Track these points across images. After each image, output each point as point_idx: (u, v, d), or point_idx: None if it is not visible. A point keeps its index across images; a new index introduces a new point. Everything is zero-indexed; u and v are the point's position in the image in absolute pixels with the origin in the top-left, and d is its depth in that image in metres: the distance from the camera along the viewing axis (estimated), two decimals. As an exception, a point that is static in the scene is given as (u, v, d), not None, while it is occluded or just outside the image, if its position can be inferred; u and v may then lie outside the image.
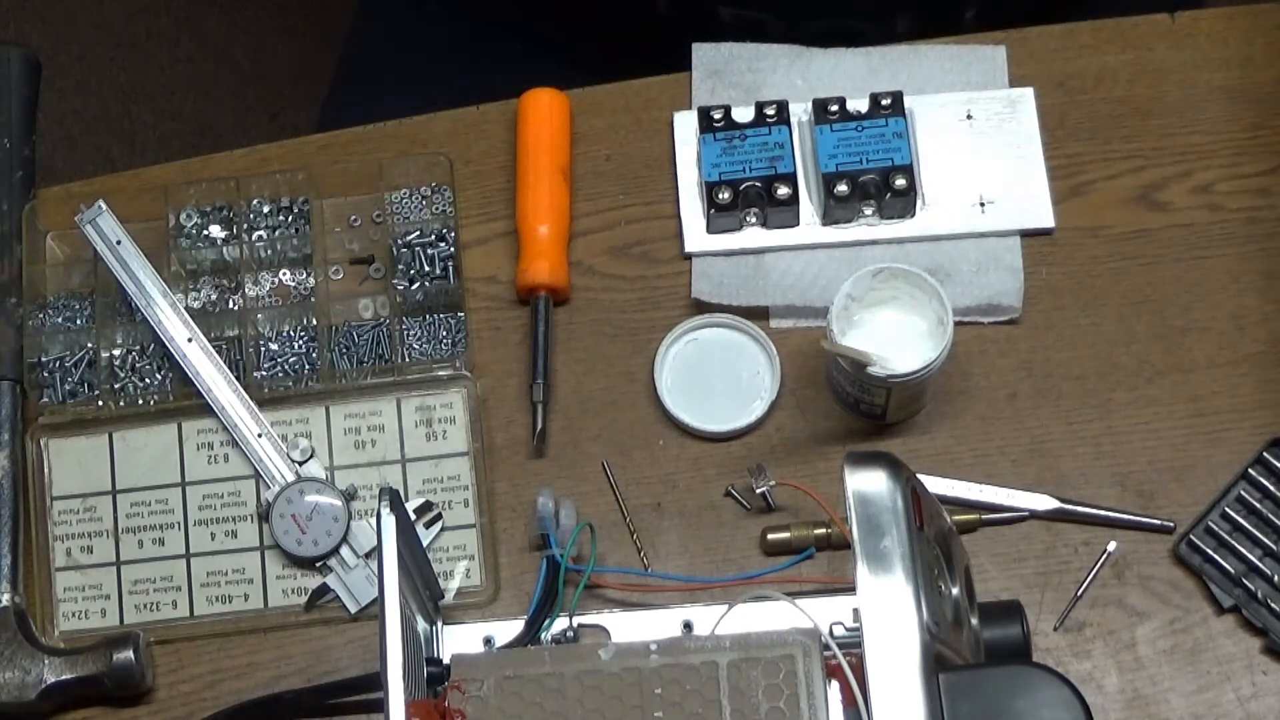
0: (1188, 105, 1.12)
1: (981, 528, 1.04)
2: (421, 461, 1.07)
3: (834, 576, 1.03)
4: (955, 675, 0.79)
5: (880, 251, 1.09)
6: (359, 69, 1.42)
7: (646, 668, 0.84)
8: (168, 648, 1.05)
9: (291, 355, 1.10)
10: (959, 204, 1.09)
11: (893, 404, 1.03)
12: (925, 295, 1.01)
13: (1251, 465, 1.03)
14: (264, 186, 1.13)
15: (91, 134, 2.10)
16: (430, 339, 1.10)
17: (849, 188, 1.08)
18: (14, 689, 1.01)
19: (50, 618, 1.06)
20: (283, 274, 1.12)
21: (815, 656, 0.84)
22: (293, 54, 2.13)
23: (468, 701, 0.84)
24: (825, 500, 1.00)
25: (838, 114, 1.10)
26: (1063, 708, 0.78)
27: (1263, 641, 1.00)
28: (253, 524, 1.07)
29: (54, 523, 1.07)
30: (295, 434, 1.07)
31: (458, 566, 1.05)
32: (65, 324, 1.12)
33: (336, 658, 1.04)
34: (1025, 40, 1.15)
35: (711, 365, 1.08)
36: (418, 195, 1.13)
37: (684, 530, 1.05)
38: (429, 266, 1.11)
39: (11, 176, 1.13)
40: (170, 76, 2.12)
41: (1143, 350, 1.07)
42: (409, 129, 1.16)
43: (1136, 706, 0.99)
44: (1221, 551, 1.01)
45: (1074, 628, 1.01)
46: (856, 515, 0.81)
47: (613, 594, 1.02)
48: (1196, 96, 1.13)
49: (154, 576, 1.06)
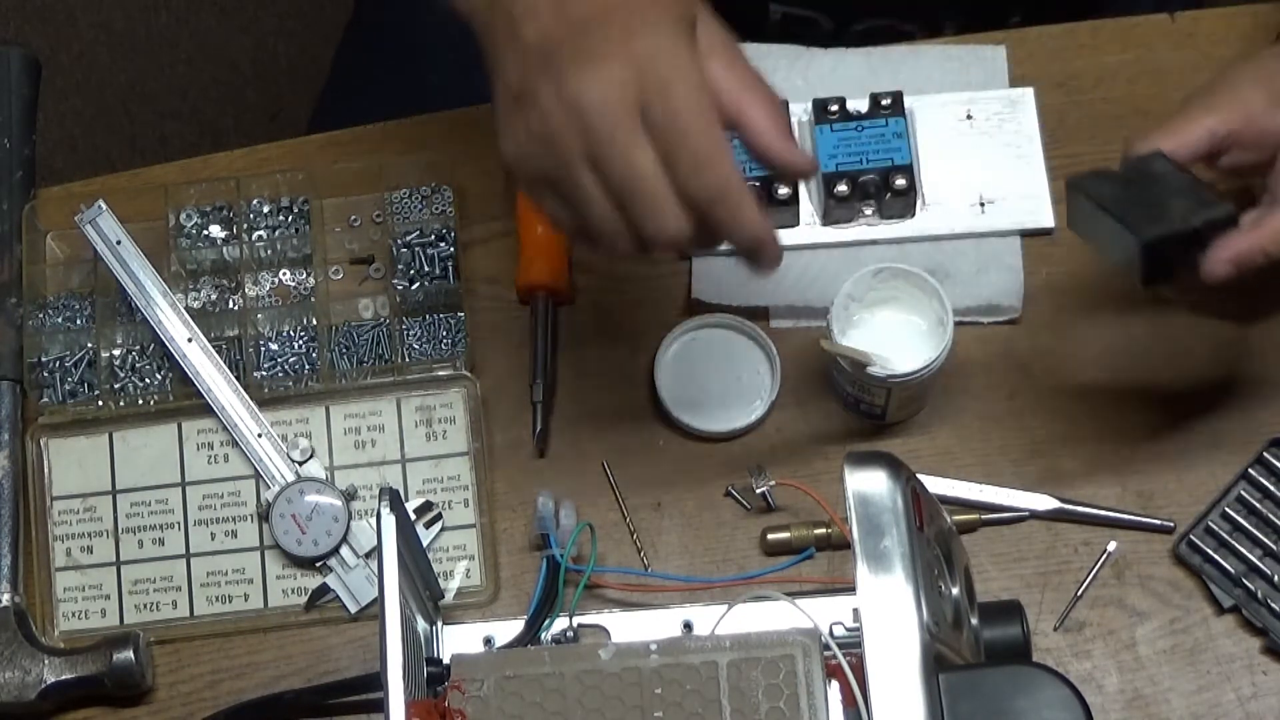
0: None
1: (981, 528, 1.04)
2: (421, 461, 1.07)
3: (834, 576, 1.03)
4: (955, 675, 0.79)
5: (880, 251, 1.09)
6: (357, 68, 1.42)
7: (646, 668, 0.84)
8: (168, 648, 1.05)
9: (291, 355, 1.10)
10: (959, 204, 1.09)
11: (893, 404, 1.03)
12: (925, 295, 1.01)
13: (1251, 465, 1.03)
14: (264, 186, 1.13)
15: (91, 134, 2.10)
16: (430, 339, 1.10)
17: (849, 188, 1.08)
18: (14, 689, 1.01)
19: (50, 618, 1.06)
20: (283, 274, 1.12)
21: (815, 656, 0.84)
22: (292, 54, 2.13)
23: (468, 701, 0.84)
24: (825, 500, 1.00)
25: (838, 114, 1.10)
26: (1063, 708, 0.78)
27: (1263, 641, 1.00)
28: (253, 524, 1.07)
29: (54, 523, 1.07)
30: (295, 434, 1.07)
31: (458, 566, 1.05)
32: (65, 324, 1.12)
33: (336, 658, 1.04)
34: (1025, 40, 1.15)
35: (711, 365, 1.08)
36: (418, 195, 1.13)
37: (684, 530, 1.05)
38: (429, 266, 1.11)
39: (11, 176, 1.13)
40: (170, 76, 2.13)
41: (1142, 350, 1.07)
42: (409, 129, 1.16)
43: (1136, 706, 0.99)
44: (1221, 551, 1.02)
45: (1074, 628, 1.01)
46: (856, 515, 0.81)
47: (613, 594, 1.02)
48: (1196, 96, 1.13)
49: (154, 576, 1.06)
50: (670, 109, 0.79)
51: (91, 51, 2.13)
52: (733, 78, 0.83)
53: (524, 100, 0.81)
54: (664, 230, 0.81)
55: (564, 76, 0.79)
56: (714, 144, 0.80)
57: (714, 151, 0.80)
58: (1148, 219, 0.88)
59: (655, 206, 0.80)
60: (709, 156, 0.79)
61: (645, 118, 0.79)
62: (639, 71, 0.79)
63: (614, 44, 0.79)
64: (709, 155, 0.79)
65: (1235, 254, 0.88)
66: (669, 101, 0.79)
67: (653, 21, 0.80)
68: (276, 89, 2.12)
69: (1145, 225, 0.87)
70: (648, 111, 0.79)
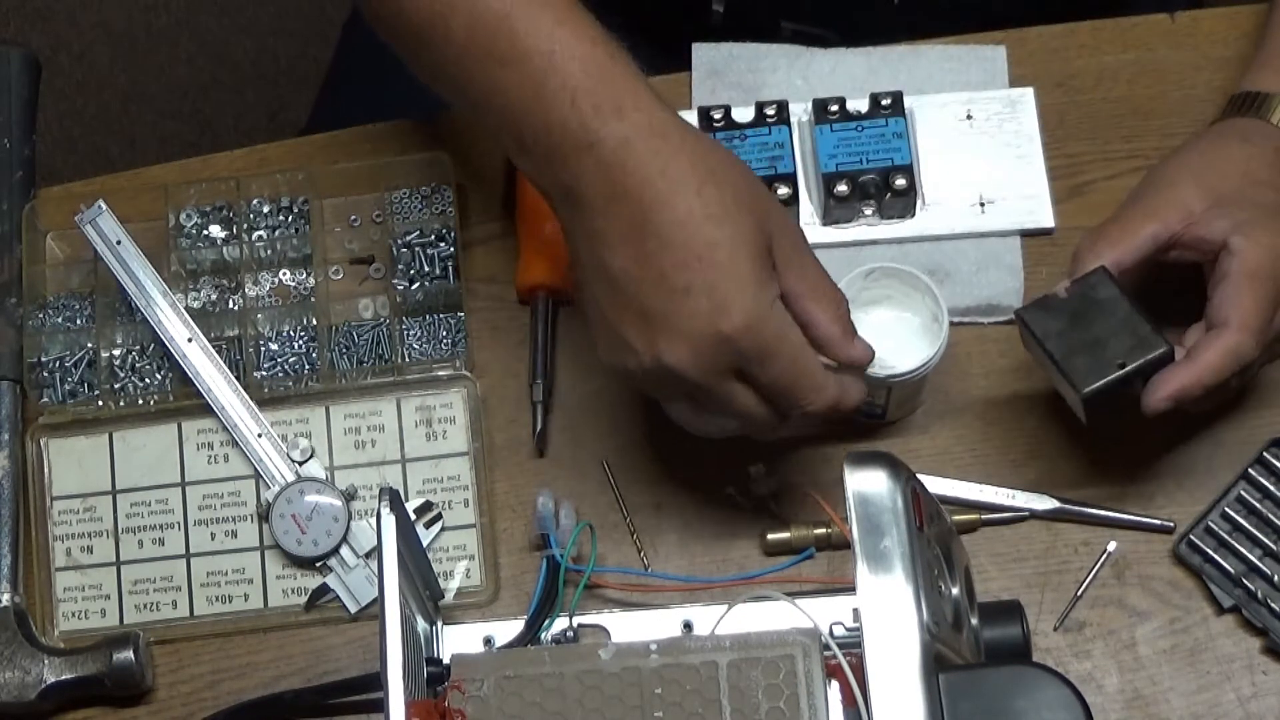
0: (1188, 105, 1.12)
1: (981, 528, 1.04)
2: (421, 461, 1.07)
3: (834, 576, 1.03)
4: (955, 675, 0.79)
5: (880, 251, 1.09)
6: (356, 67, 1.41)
7: (646, 668, 0.84)
8: (168, 648, 1.05)
9: (291, 355, 1.10)
10: (959, 204, 1.09)
11: (893, 402, 1.03)
12: (918, 292, 1.01)
13: (1251, 465, 1.03)
14: (264, 186, 1.13)
15: (91, 134, 2.10)
16: (430, 339, 1.10)
17: (849, 188, 1.08)
18: (14, 689, 1.01)
19: (50, 618, 1.06)
20: (283, 274, 1.12)
21: (815, 656, 0.84)
22: (292, 54, 2.13)
23: (468, 701, 0.84)
24: (825, 500, 1.00)
25: (838, 114, 1.10)
26: (1063, 708, 0.78)
27: (1263, 641, 1.00)
28: (253, 524, 1.07)
29: (54, 523, 1.07)
30: (295, 434, 1.07)
31: (458, 566, 1.05)
32: (65, 324, 1.12)
33: (336, 658, 1.04)
34: (1025, 40, 1.15)
35: (711, 365, 1.08)
36: (418, 195, 1.13)
37: (684, 530, 1.05)
38: (429, 266, 1.11)
39: (11, 176, 1.13)
40: (170, 76, 2.13)
41: (1143, 350, 1.07)
42: (409, 129, 1.16)
43: (1136, 706, 0.99)
44: (1221, 551, 1.01)
45: (1074, 628, 1.01)
46: (856, 515, 0.81)
47: (613, 594, 1.02)
48: (1196, 96, 1.13)
49: (154, 576, 1.06)
50: (769, 376, 0.86)
51: (91, 51, 2.13)
52: (803, 285, 0.88)
53: (613, 335, 0.87)
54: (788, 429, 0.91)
55: (656, 346, 0.85)
56: (812, 387, 0.87)
57: (811, 391, 0.87)
58: (1088, 368, 0.93)
59: (765, 429, 0.90)
60: (808, 397, 0.87)
61: (743, 375, 0.87)
62: (733, 348, 0.84)
63: (701, 320, 0.84)
64: (808, 396, 0.87)
65: (1173, 391, 0.92)
66: (767, 371, 0.86)
67: (737, 280, 0.84)
68: (276, 89, 2.12)
69: (1085, 376, 0.93)
70: (746, 371, 0.86)
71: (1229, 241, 0.94)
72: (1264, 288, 0.93)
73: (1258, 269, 0.93)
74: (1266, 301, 0.93)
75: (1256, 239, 0.94)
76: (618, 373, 0.89)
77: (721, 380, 0.86)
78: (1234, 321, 0.92)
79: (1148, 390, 0.93)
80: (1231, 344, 0.92)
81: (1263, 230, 0.94)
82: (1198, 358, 0.92)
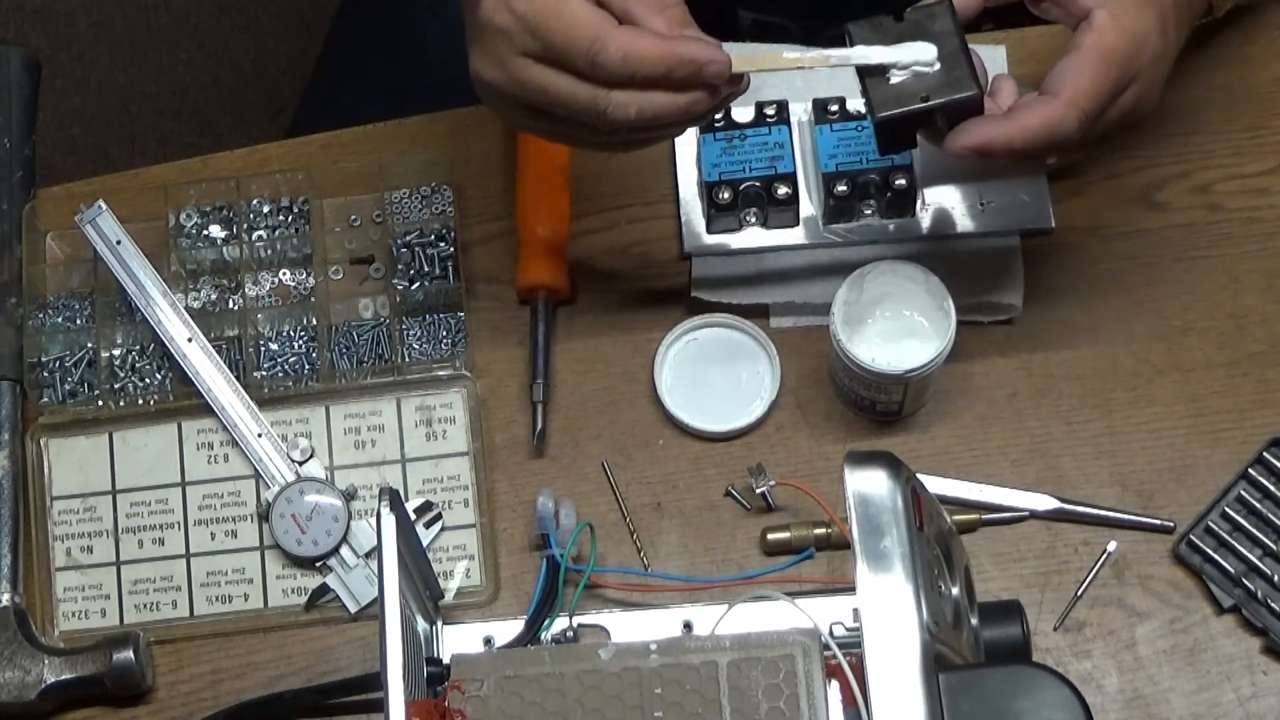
0: (1187, 105, 1.12)
1: (981, 528, 1.04)
2: (421, 461, 1.07)
3: (834, 576, 1.03)
4: (955, 675, 0.79)
5: (880, 251, 1.08)
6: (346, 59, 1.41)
7: (646, 668, 0.84)
8: (168, 648, 1.05)
9: (291, 355, 1.10)
10: (959, 204, 1.09)
11: (909, 398, 1.03)
12: (920, 286, 1.01)
13: (1251, 465, 1.03)
14: (264, 186, 1.13)
15: (91, 134, 2.10)
16: (430, 339, 1.10)
17: (849, 188, 1.07)
18: (14, 689, 1.01)
19: (50, 618, 1.06)
20: (283, 274, 1.12)
21: (815, 656, 0.84)
22: (292, 54, 2.13)
23: (468, 701, 0.84)
24: (825, 500, 1.00)
25: (838, 114, 1.10)
26: (1063, 708, 0.78)
27: (1263, 641, 1.00)
28: (253, 524, 1.07)
29: (54, 523, 1.07)
30: (295, 434, 1.07)
31: (458, 566, 1.05)
32: (65, 324, 1.12)
33: (336, 658, 1.04)
34: (1025, 40, 1.15)
35: (711, 365, 1.08)
36: (418, 195, 1.13)
37: (684, 530, 1.05)
38: (429, 266, 1.11)
39: (11, 176, 1.13)
40: (170, 76, 2.12)
41: (1142, 350, 1.07)
42: (409, 129, 1.16)
43: (1136, 706, 0.99)
44: (1221, 551, 1.02)
45: (1074, 628, 1.01)
46: (856, 515, 0.81)
47: (613, 594, 1.02)
48: (1196, 96, 1.13)
49: (154, 576, 1.06)
50: (553, 40, 0.85)
51: (91, 51, 2.13)
52: None
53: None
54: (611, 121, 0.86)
55: (471, 62, 0.89)
56: (590, 36, 0.85)
57: (589, 40, 0.85)
58: (892, 95, 0.89)
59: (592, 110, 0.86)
60: (590, 47, 0.85)
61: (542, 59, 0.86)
62: (518, 29, 0.85)
63: (489, 9, 0.86)
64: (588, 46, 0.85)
65: (976, 142, 0.88)
66: (550, 36, 0.85)
67: None
68: (276, 89, 2.12)
69: (885, 102, 0.89)
70: (539, 54, 0.86)
71: (1093, 14, 0.89)
72: (1109, 73, 0.88)
73: (1111, 51, 0.88)
74: (1106, 87, 0.88)
75: (1120, 19, 0.88)
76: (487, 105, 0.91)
77: (522, 67, 0.86)
78: (1065, 94, 0.87)
79: (952, 134, 0.89)
80: (1054, 115, 0.87)
81: (1130, 13, 0.88)
82: (1014, 117, 0.88)
